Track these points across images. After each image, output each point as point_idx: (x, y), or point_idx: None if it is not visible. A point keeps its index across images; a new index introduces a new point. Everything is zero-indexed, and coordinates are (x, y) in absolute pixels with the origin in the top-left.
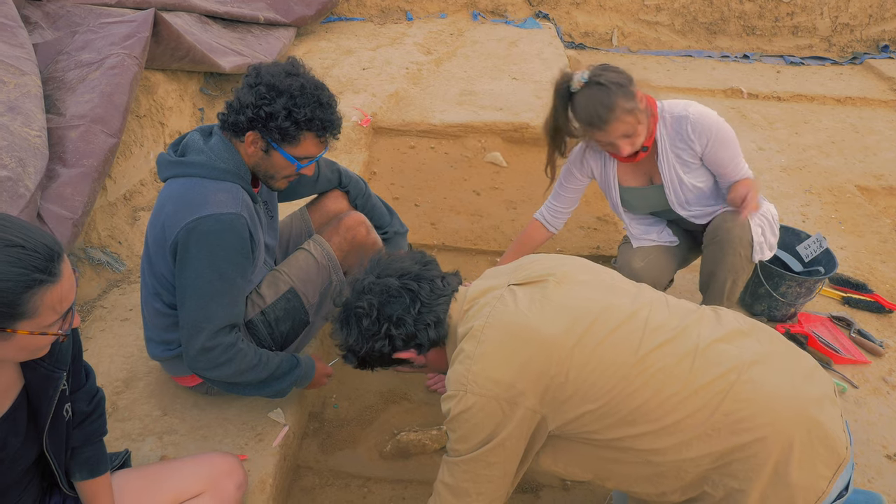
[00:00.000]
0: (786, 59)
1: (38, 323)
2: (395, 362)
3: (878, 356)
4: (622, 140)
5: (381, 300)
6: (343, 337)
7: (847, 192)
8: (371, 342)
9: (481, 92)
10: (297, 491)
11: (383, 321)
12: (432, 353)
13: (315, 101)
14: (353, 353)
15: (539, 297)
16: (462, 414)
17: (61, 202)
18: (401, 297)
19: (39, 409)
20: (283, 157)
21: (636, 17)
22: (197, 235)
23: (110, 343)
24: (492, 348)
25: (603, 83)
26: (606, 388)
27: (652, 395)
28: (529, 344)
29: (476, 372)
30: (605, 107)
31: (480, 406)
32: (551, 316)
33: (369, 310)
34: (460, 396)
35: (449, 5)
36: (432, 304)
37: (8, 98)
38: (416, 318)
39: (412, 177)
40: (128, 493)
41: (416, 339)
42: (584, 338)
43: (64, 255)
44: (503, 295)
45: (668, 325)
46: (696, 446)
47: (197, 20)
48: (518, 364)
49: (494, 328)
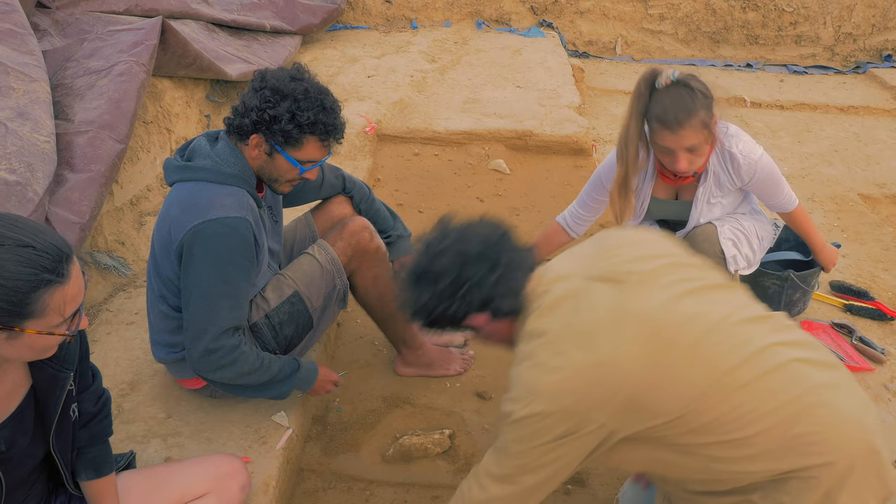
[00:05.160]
0: (789, 68)
1: (46, 323)
2: (463, 327)
3: (879, 363)
4: (684, 153)
5: (459, 262)
6: (415, 297)
7: (849, 201)
8: (446, 304)
9: (485, 100)
10: (300, 493)
11: (461, 284)
12: (503, 323)
13: (318, 105)
14: (423, 314)
15: (617, 305)
16: (526, 419)
17: (69, 206)
18: (480, 262)
19: (46, 408)
20: (286, 160)
21: (640, 26)
22: (202, 239)
23: (116, 346)
24: (567, 362)
25: (692, 87)
26: (681, 404)
27: (729, 410)
28: (605, 365)
29: (548, 383)
30: (686, 110)
31: (548, 414)
32: (629, 331)
33: (447, 271)
34: (528, 401)
35: (453, 14)
36: (511, 275)
37: (17, 104)
38: (494, 284)
39: (416, 183)
40: (133, 493)
41: (491, 305)
42: (662, 357)
43: (73, 256)
44: (581, 294)
45: (752, 341)
46: (762, 461)
47: (204, 28)
48: (592, 383)
49: (572, 341)
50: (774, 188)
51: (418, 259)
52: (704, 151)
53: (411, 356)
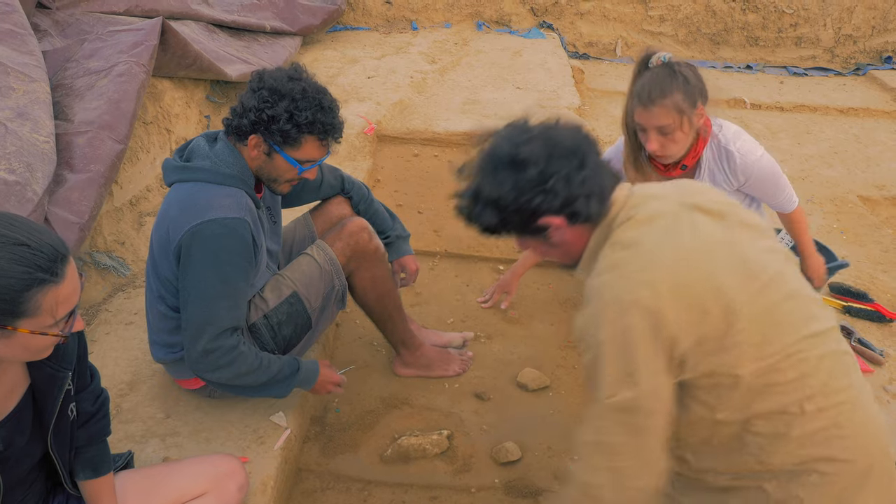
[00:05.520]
0: (789, 69)
1: (39, 322)
2: (532, 229)
3: (878, 365)
4: (654, 133)
5: (548, 152)
6: (490, 186)
7: (849, 203)
8: (527, 196)
9: (485, 101)
10: (298, 494)
11: (548, 176)
12: (578, 231)
13: (317, 105)
14: (495, 208)
15: (720, 236)
16: (615, 338)
17: (68, 207)
18: (570, 156)
19: (44, 408)
20: (285, 160)
21: (640, 28)
22: (200, 239)
23: (115, 346)
24: (664, 276)
25: (675, 71)
26: (755, 357)
27: (796, 378)
28: (703, 283)
29: (643, 296)
30: (661, 89)
31: (634, 327)
32: (731, 262)
33: (535, 160)
34: (620, 311)
35: (454, 15)
36: (598, 177)
37: (17, 104)
38: (581, 183)
39: (416, 184)
40: (131, 493)
41: (574, 206)
42: (757, 298)
43: (69, 257)
44: (681, 216)
45: (819, 319)
46: (796, 444)
47: (204, 29)
48: (687, 301)
49: (670, 256)
50: (774, 188)
51: (496, 145)
52: (679, 139)
53: (410, 357)
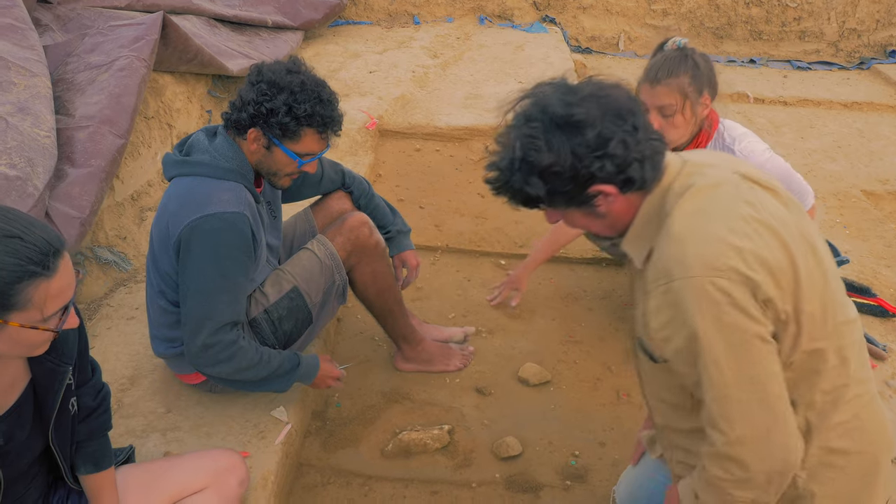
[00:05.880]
0: (793, 63)
1: (30, 316)
2: (580, 199)
3: (881, 360)
4: (656, 112)
5: (602, 113)
6: (539, 152)
7: (852, 197)
8: (585, 162)
9: (487, 95)
10: (299, 488)
11: (607, 139)
12: (628, 198)
13: (315, 98)
14: (541, 176)
15: (781, 211)
16: (731, 310)
17: (69, 201)
18: (626, 116)
19: (45, 403)
20: (284, 153)
21: (643, 22)
22: (200, 233)
23: (116, 341)
24: (747, 244)
25: (687, 56)
26: (810, 338)
27: (835, 366)
28: (780, 256)
29: (735, 262)
30: (668, 69)
31: (732, 290)
32: (796, 236)
33: (592, 122)
34: (718, 283)
35: (456, 9)
36: (651, 140)
37: (18, 99)
38: (636, 145)
39: (417, 179)
40: (132, 487)
41: (629, 171)
42: (815, 275)
43: (64, 252)
44: (741, 184)
45: (849, 304)
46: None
47: (205, 23)
48: (770, 273)
49: (744, 222)
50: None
51: (545, 106)
52: (679, 124)
53: (411, 352)
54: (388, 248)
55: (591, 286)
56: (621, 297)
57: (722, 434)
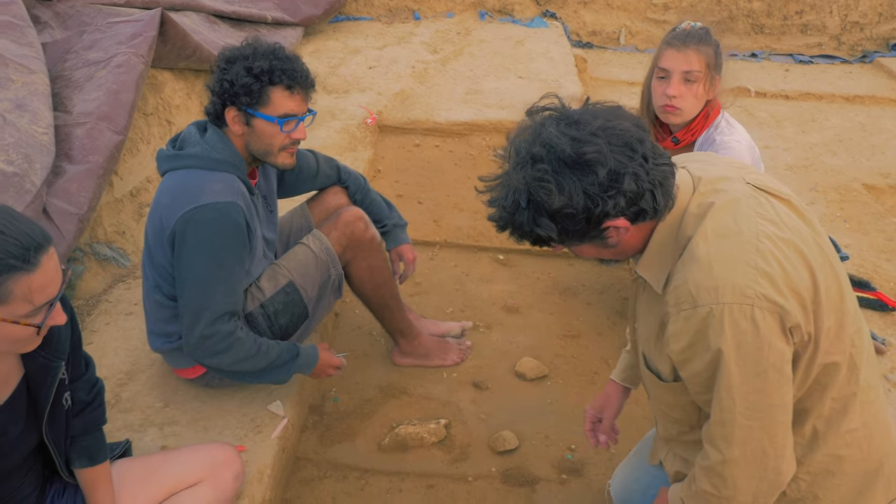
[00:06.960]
0: (795, 57)
1: (10, 311)
2: (594, 234)
3: (880, 354)
4: (679, 77)
5: (613, 147)
6: (549, 194)
7: (853, 191)
8: (597, 201)
9: (487, 90)
10: (296, 482)
11: (620, 175)
12: (640, 228)
13: (270, 54)
14: (553, 217)
15: (795, 222)
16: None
17: (67, 198)
18: (635, 148)
19: (38, 397)
20: (263, 120)
21: (644, 16)
22: (194, 225)
23: (115, 336)
24: (775, 267)
25: (710, 34)
26: (826, 352)
27: (848, 381)
28: (803, 276)
29: (765, 288)
30: (698, 37)
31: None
32: (812, 249)
33: (604, 158)
34: (747, 311)
35: (456, 5)
36: (660, 168)
37: (16, 96)
38: (646, 177)
39: (416, 174)
40: (127, 480)
41: (640, 203)
42: (833, 289)
43: (50, 248)
44: (758, 196)
45: (859, 314)
46: (831, 445)
47: (204, 19)
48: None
49: (769, 241)
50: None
51: (552, 145)
52: (698, 94)
53: (408, 346)
54: (385, 243)
55: (589, 281)
56: (619, 292)
57: (719, 452)
